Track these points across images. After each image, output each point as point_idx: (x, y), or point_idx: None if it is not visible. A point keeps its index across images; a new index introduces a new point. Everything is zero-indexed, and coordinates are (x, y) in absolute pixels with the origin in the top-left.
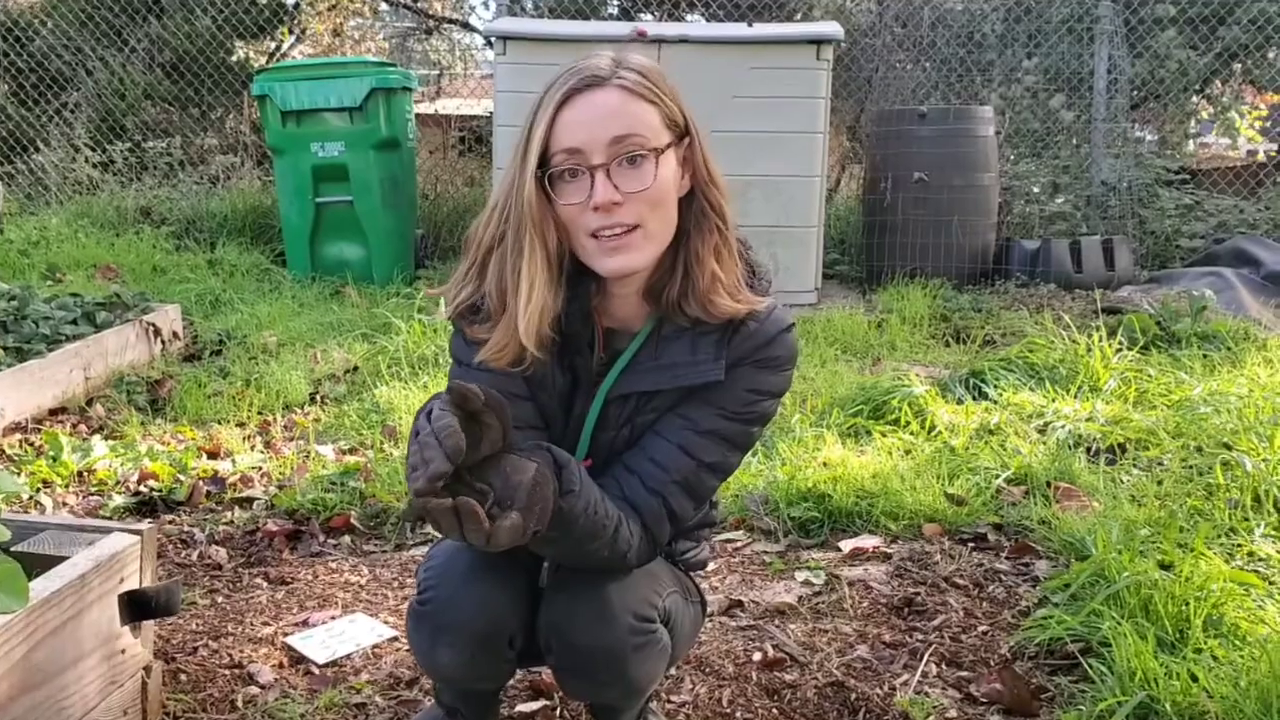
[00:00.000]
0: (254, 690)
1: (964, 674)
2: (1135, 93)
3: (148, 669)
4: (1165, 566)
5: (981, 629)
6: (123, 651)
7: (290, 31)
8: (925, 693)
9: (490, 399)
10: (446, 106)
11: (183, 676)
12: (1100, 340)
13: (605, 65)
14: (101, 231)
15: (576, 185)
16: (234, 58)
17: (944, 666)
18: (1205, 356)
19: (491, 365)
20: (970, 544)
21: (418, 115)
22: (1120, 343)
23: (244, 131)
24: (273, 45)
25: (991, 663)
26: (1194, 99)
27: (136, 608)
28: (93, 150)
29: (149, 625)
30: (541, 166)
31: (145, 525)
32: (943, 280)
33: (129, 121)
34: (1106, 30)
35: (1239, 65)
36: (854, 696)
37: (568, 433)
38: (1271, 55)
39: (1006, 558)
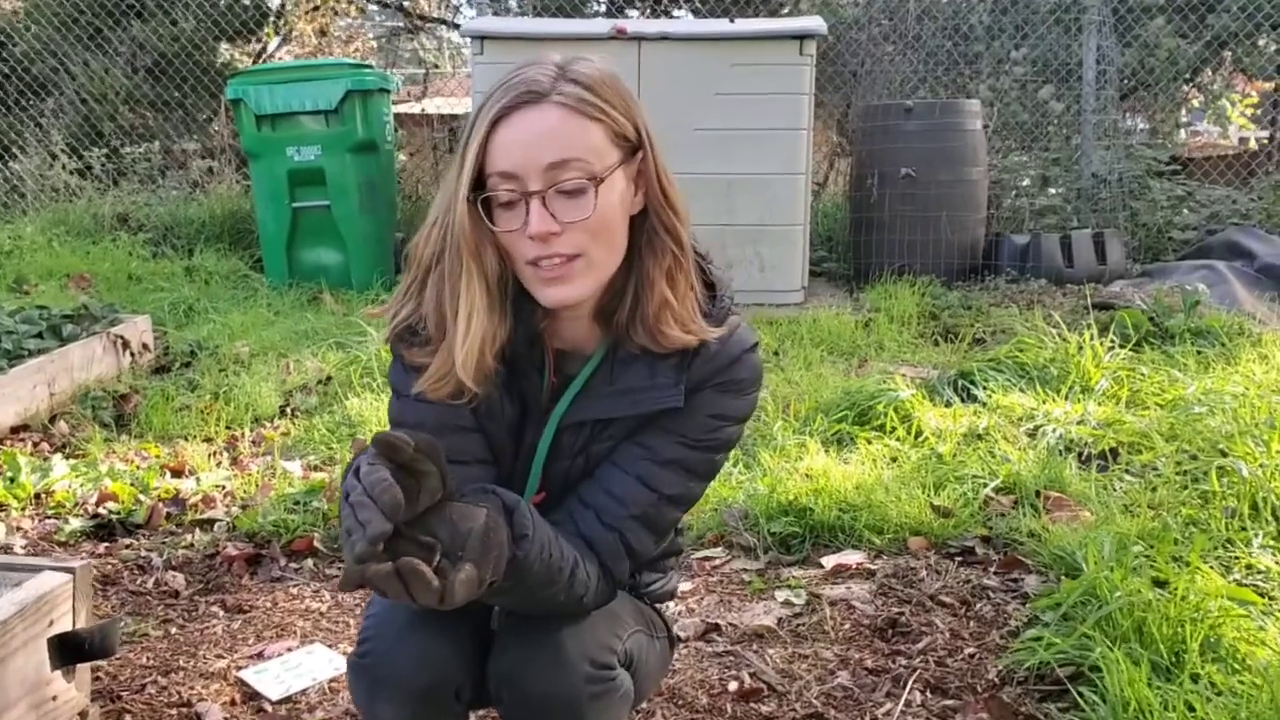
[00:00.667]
0: None
1: (949, 703)
2: (1125, 82)
3: (83, 714)
4: (1160, 583)
5: (968, 651)
6: (54, 698)
7: (275, 32)
8: None
9: (422, 444)
10: (434, 106)
11: (127, 718)
12: (1091, 338)
13: (545, 78)
14: (77, 239)
15: (513, 212)
16: (219, 60)
17: (928, 694)
18: (1199, 353)
19: (430, 397)
20: (957, 558)
21: (404, 115)
22: (1112, 340)
23: (224, 135)
24: (258, 47)
25: (978, 689)
26: (1184, 88)
27: (69, 651)
28: (70, 157)
29: (85, 668)
30: (478, 189)
31: (78, 563)
32: (931, 277)
33: (107, 127)
34: (1095, 20)
35: (1229, 53)
36: None
37: (518, 464)
38: (1262, 42)
39: (995, 573)
